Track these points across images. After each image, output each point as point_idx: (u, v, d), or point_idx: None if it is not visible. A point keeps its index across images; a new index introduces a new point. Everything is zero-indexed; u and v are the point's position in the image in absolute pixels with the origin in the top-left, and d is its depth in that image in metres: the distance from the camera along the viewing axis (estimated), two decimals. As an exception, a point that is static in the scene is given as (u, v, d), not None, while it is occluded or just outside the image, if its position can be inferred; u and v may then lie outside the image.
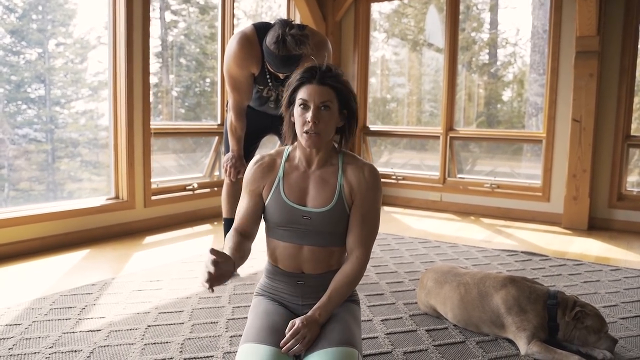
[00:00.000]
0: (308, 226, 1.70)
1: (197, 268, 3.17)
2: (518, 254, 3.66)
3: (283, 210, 1.71)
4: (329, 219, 1.70)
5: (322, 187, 1.72)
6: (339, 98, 1.68)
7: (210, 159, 4.90)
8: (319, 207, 1.70)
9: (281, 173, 1.75)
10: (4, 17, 3.64)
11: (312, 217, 1.70)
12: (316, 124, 1.63)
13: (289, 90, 1.72)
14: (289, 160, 1.77)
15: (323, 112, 1.65)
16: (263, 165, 1.77)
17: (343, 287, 1.69)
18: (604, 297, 2.80)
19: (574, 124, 4.59)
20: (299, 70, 1.73)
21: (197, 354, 2.03)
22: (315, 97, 1.64)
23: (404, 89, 6.23)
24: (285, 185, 1.73)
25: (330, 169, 1.74)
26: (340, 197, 1.71)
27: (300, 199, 1.72)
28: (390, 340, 2.20)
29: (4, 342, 2.09)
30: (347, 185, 1.72)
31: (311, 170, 1.75)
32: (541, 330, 2.08)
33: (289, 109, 1.73)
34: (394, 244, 3.86)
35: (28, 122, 3.80)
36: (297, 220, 1.70)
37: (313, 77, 1.66)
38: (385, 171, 5.81)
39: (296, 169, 1.75)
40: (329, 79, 1.67)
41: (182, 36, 4.97)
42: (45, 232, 3.56)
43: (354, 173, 1.73)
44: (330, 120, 1.67)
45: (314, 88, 1.65)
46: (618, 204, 4.63)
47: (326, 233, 1.71)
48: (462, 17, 5.47)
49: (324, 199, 1.71)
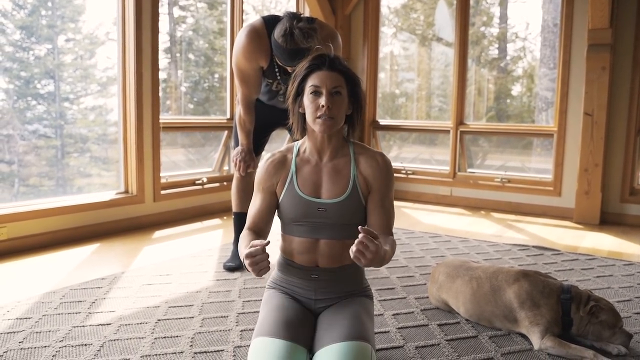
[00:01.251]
0: (324, 218, 1.69)
1: (207, 262, 3.16)
2: (529, 248, 3.62)
3: (298, 205, 1.70)
4: (345, 209, 1.68)
5: (335, 177, 1.71)
6: (348, 84, 1.68)
7: (220, 154, 4.90)
8: (333, 197, 1.69)
9: (294, 168, 1.74)
10: (14, 13, 3.64)
11: (328, 209, 1.68)
12: (330, 108, 1.62)
13: (296, 81, 1.70)
14: (300, 155, 1.76)
15: (336, 97, 1.64)
16: (275, 162, 1.76)
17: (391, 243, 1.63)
18: (618, 291, 2.76)
19: (586, 118, 4.54)
20: (304, 61, 1.71)
21: (208, 348, 2.02)
22: (327, 82, 1.63)
23: (413, 84, 6.19)
24: (298, 179, 1.72)
25: (343, 159, 1.73)
26: (355, 187, 1.70)
27: (314, 192, 1.71)
28: (402, 334, 2.18)
29: (15, 335, 2.10)
30: (361, 176, 1.71)
31: (323, 163, 1.73)
32: (555, 324, 2.05)
33: (297, 100, 1.71)
34: (404, 238, 3.83)
35: (37, 118, 3.80)
36: (313, 213, 1.69)
37: (323, 64, 1.66)
38: (395, 166, 5.79)
39: (308, 163, 1.74)
40: (338, 64, 1.67)
41: (190, 31, 4.96)
42: (56, 227, 3.57)
43: (368, 162, 1.72)
44: (342, 105, 1.67)
45: (325, 74, 1.65)
46: (630, 199, 4.58)
47: (342, 225, 1.69)
48: (472, 12, 5.41)
49: (338, 189, 1.69)
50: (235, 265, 3.00)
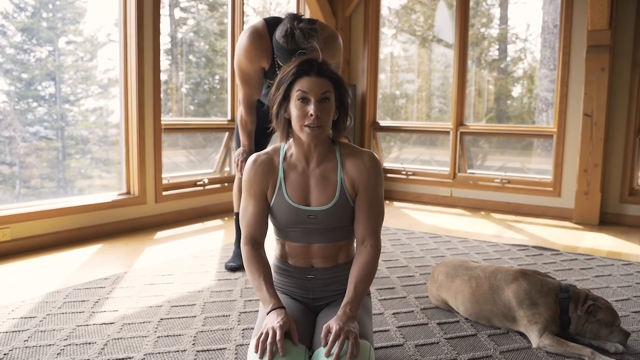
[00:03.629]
0: (315, 224, 1.68)
1: (208, 262, 3.19)
2: (529, 248, 3.64)
3: (288, 212, 1.68)
4: (334, 215, 1.67)
5: (323, 184, 1.68)
6: (336, 90, 1.64)
7: (221, 155, 4.92)
8: (322, 205, 1.67)
9: (282, 174, 1.70)
10: (15, 16, 3.67)
11: (318, 216, 1.67)
12: (319, 117, 1.58)
13: (282, 86, 1.62)
14: (287, 159, 1.71)
15: (324, 104, 1.60)
16: (263, 165, 1.70)
17: (365, 279, 1.64)
18: (616, 291, 2.78)
19: (585, 119, 4.56)
20: (288, 65, 1.65)
21: (210, 347, 2.04)
22: (315, 88, 1.58)
23: (413, 85, 6.21)
24: (287, 186, 1.69)
25: (330, 165, 1.70)
26: (342, 191, 1.68)
27: (304, 199, 1.68)
28: (402, 333, 2.20)
29: (19, 334, 2.12)
30: (347, 179, 1.68)
31: (310, 169, 1.70)
32: (553, 323, 2.07)
33: (282, 105, 1.63)
34: (404, 238, 3.85)
35: (39, 120, 3.82)
36: (303, 220, 1.68)
37: (311, 69, 1.60)
38: (396, 167, 5.81)
39: (294, 169, 1.70)
40: (326, 70, 1.62)
41: (191, 33, 4.98)
42: (59, 227, 3.59)
43: (354, 164, 1.68)
44: (330, 112, 1.62)
45: (313, 80, 1.59)
46: (630, 199, 4.60)
47: (333, 229, 1.69)
48: (472, 13, 5.44)
49: (326, 196, 1.67)
50: (237, 265, 3.02)
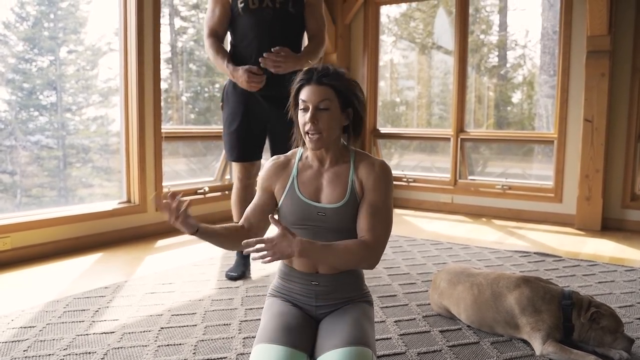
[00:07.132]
0: (323, 223, 1.70)
1: (209, 271, 3.18)
2: (531, 255, 3.63)
3: (298, 207, 1.72)
4: (343, 214, 1.69)
5: (335, 183, 1.73)
6: (339, 97, 1.67)
7: (221, 163, 4.92)
8: (332, 202, 1.71)
9: (295, 171, 1.77)
10: (17, 25, 3.68)
11: (327, 213, 1.70)
12: (315, 124, 1.64)
13: (292, 94, 1.74)
14: (302, 160, 1.80)
15: (322, 112, 1.65)
16: (278, 164, 1.81)
17: (343, 251, 1.60)
18: (620, 297, 2.76)
19: (586, 124, 4.56)
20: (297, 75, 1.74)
21: (211, 356, 2.03)
22: (313, 97, 1.65)
23: (413, 92, 6.22)
24: (299, 182, 1.75)
25: (343, 166, 1.75)
26: (353, 192, 1.71)
27: (314, 196, 1.73)
28: (404, 341, 2.18)
29: (19, 344, 2.11)
30: (357, 181, 1.72)
31: (324, 168, 1.76)
32: (556, 330, 2.06)
33: (295, 112, 1.75)
34: (405, 245, 3.84)
35: (40, 129, 3.83)
36: (312, 217, 1.71)
37: (311, 78, 1.67)
38: (396, 174, 5.80)
39: (309, 167, 1.77)
40: (326, 78, 1.66)
41: (191, 42, 5.00)
42: (59, 236, 3.58)
43: (365, 168, 1.73)
44: (330, 119, 1.66)
45: (312, 89, 1.66)
46: (631, 204, 4.58)
47: (340, 231, 1.70)
48: (471, 20, 5.44)
49: (337, 194, 1.71)
50: (238, 274, 3.01)
